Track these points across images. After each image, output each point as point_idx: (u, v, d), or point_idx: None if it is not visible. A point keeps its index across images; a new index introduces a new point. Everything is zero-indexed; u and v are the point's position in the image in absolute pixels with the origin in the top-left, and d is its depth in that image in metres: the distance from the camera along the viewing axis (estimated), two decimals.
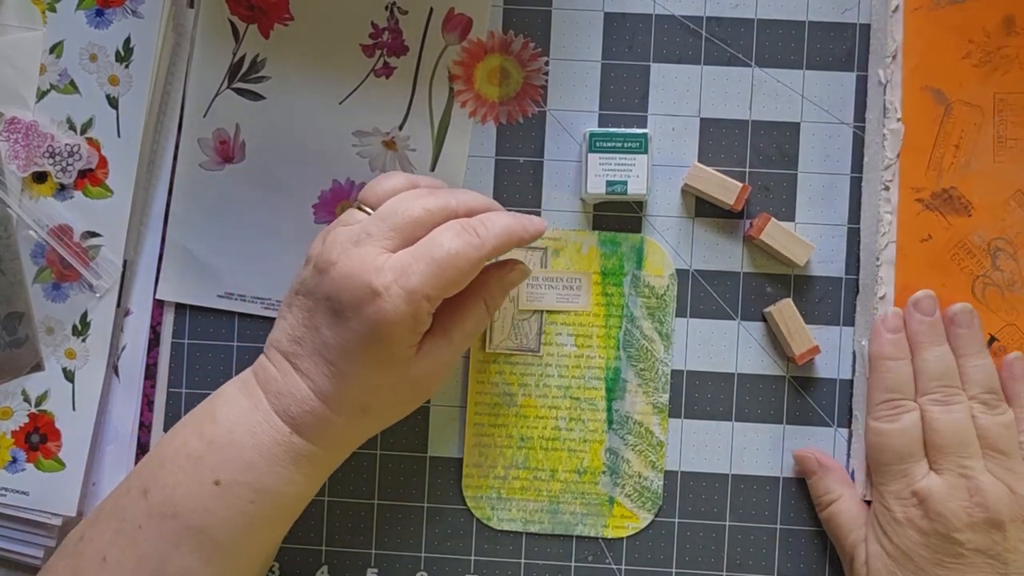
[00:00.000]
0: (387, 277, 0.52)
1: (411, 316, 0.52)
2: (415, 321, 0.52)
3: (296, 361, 0.55)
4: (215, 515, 0.53)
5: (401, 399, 0.57)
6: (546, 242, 0.64)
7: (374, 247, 0.53)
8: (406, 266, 0.52)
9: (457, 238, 0.53)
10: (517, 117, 0.65)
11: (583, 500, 0.64)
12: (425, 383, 0.57)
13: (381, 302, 0.51)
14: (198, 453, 0.54)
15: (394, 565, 0.65)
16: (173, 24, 0.64)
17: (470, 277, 0.54)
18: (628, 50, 0.64)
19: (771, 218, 0.62)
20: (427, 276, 0.52)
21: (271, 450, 0.54)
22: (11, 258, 0.63)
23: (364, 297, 0.52)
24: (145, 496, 0.54)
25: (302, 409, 0.54)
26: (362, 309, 0.52)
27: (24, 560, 0.64)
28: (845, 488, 0.62)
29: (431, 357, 0.55)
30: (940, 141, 0.62)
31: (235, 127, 0.64)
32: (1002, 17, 0.62)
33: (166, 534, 0.53)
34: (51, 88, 0.63)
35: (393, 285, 0.51)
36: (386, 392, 0.55)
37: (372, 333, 0.52)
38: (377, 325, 0.52)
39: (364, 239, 0.53)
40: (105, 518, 0.55)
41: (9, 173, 0.63)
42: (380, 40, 0.64)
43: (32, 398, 0.64)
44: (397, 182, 0.57)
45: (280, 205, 0.64)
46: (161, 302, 0.65)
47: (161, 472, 0.54)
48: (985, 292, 0.62)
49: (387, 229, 0.53)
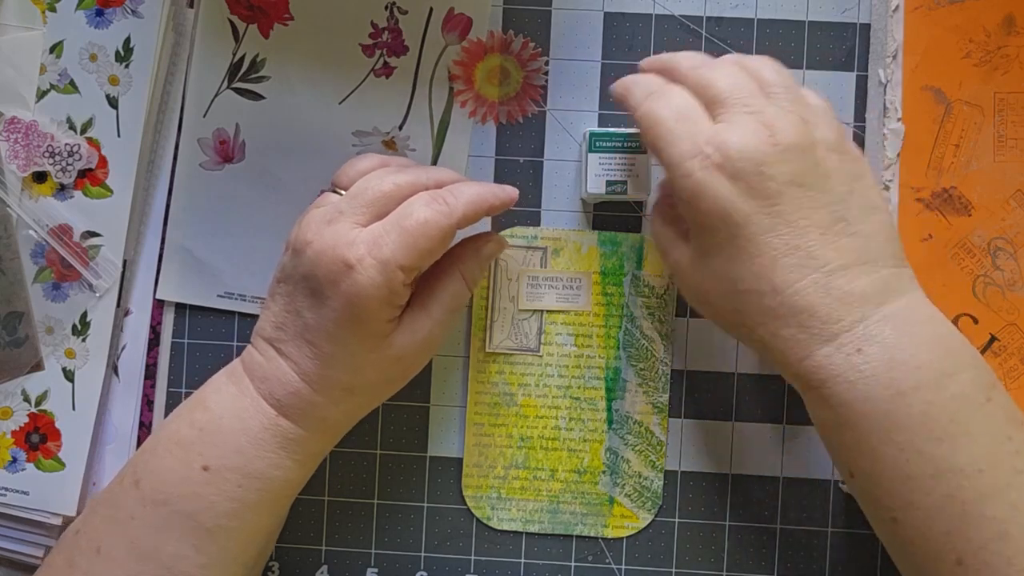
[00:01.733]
0: (360, 250, 0.52)
1: (386, 287, 0.52)
2: (390, 292, 0.53)
3: (280, 346, 0.55)
4: (204, 499, 0.53)
5: (386, 377, 0.57)
6: (546, 242, 0.64)
7: (346, 223, 0.54)
8: (378, 237, 0.53)
9: (426, 207, 0.53)
10: (517, 117, 0.65)
11: (583, 500, 0.64)
12: (408, 360, 0.57)
13: (355, 275, 0.52)
14: (188, 440, 0.55)
15: (394, 565, 0.65)
16: (173, 24, 0.64)
17: (443, 245, 0.54)
18: (628, 50, 0.64)
19: None
20: (399, 246, 0.52)
21: (259, 435, 0.54)
22: (11, 258, 0.63)
23: (339, 271, 0.52)
24: (137, 486, 0.54)
25: (287, 392, 0.55)
26: (338, 284, 0.52)
27: (24, 560, 0.64)
28: None
29: (412, 331, 0.56)
30: (940, 141, 0.62)
31: (235, 127, 0.64)
32: (1002, 17, 0.62)
33: (158, 521, 0.53)
34: (51, 88, 0.63)
35: (366, 257, 0.52)
36: (370, 371, 0.55)
37: (349, 307, 0.53)
38: (353, 299, 0.52)
39: (336, 217, 0.54)
40: (100, 509, 0.56)
41: (9, 173, 0.63)
42: (380, 40, 0.64)
43: (32, 398, 0.64)
44: (369, 163, 0.58)
45: (280, 205, 0.64)
46: (161, 302, 0.65)
47: (152, 460, 0.55)
48: (986, 292, 0.62)
49: (359, 206, 0.54)
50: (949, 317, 0.61)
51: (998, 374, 0.61)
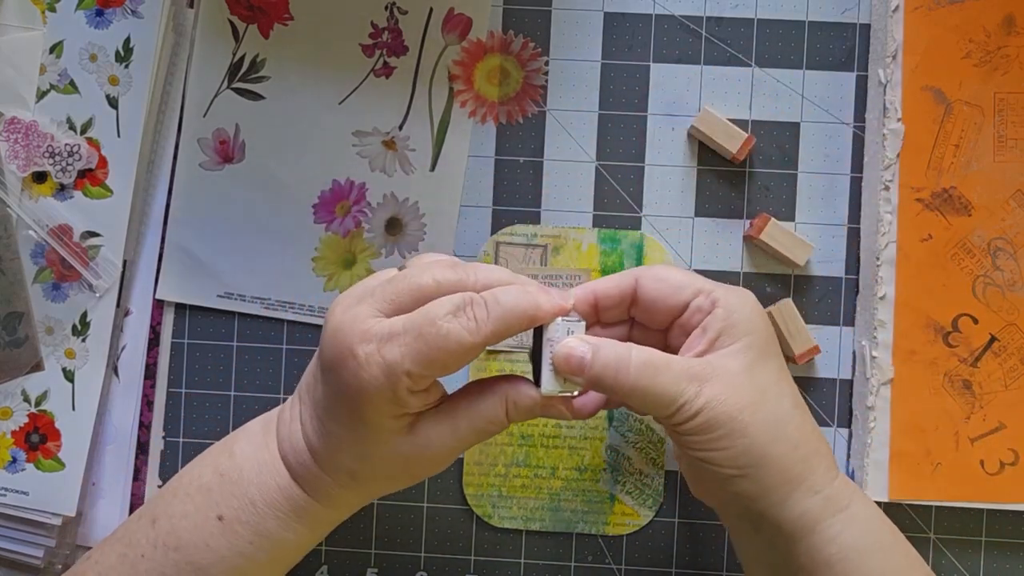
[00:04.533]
0: (369, 345, 0.48)
1: (389, 389, 0.48)
2: (394, 395, 0.48)
3: (302, 408, 0.53)
4: (215, 552, 0.52)
5: (391, 474, 0.53)
6: (546, 239, 0.64)
7: (369, 308, 0.49)
8: (394, 336, 0.48)
9: (452, 318, 0.48)
10: (517, 117, 0.65)
11: (584, 497, 0.64)
12: (418, 465, 0.52)
13: (358, 368, 0.48)
14: (208, 485, 0.53)
15: (394, 565, 0.65)
16: (173, 24, 0.64)
17: (463, 362, 0.49)
18: (628, 50, 0.64)
19: (771, 218, 0.62)
20: (411, 352, 0.47)
21: (273, 495, 0.52)
22: (11, 258, 0.63)
23: (344, 358, 0.48)
24: (153, 525, 0.53)
25: (298, 461, 0.53)
26: (340, 370, 0.49)
27: (24, 560, 0.64)
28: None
29: (427, 440, 0.51)
30: (940, 141, 0.62)
31: (235, 127, 0.64)
32: (1002, 17, 0.62)
33: (166, 566, 0.52)
34: (51, 88, 0.63)
35: (375, 353, 0.48)
36: (375, 463, 0.52)
37: (347, 396, 0.49)
38: (351, 390, 0.49)
39: (366, 297, 0.50)
40: (114, 542, 0.55)
41: (9, 173, 0.63)
42: (380, 40, 0.64)
43: (32, 398, 0.64)
44: (438, 258, 0.53)
45: (280, 205, 0.64)
46: (161, 302, 0.65)
47: (173, 501, 0.54)
48: (986, 292, 0.62)
49: (389, 293, 0.50)
50: (949, 317, 0.62)
51: (998, 374, 0.62)
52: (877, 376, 0.62)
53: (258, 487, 0.52)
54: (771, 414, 0.51)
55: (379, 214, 0.65)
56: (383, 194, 0.64)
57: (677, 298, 0.54)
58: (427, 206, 0.65)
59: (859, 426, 0.62)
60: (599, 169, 0.64)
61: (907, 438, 0.62)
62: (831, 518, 0.52)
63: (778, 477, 0.52)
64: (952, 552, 0.64)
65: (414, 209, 0.65)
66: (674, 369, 0.51)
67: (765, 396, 0.52)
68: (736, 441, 0.51)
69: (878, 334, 0.62)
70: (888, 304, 0.62)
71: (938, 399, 0.62)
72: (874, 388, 0.62)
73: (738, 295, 0.54)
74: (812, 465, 0.52)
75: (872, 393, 0.62)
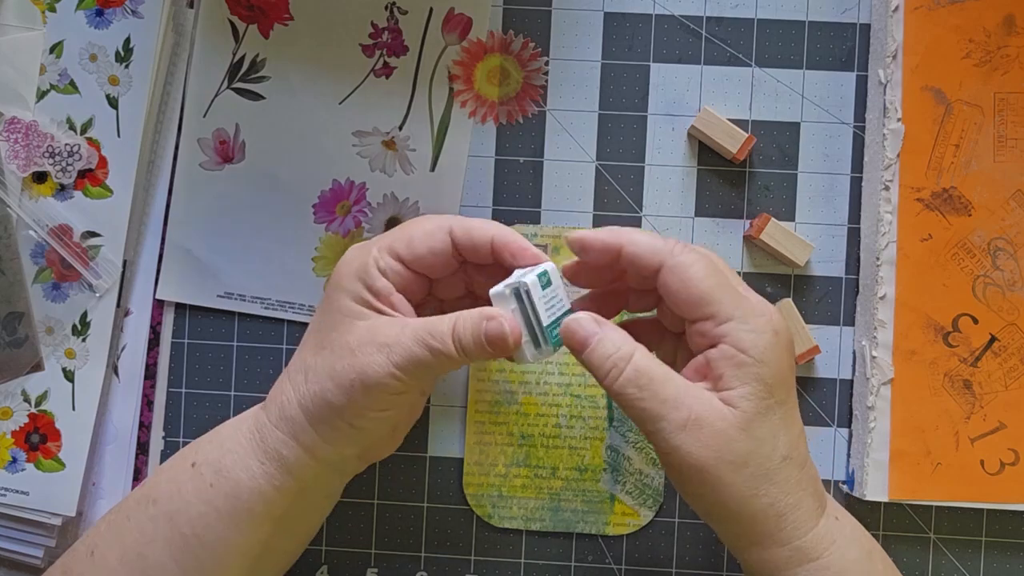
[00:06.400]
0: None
1: (359, 260, 0.54)
2: (364, 269, 0.53)
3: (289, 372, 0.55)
4: (182, 498, 0.53)
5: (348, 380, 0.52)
6: (546, 239, 0.64)
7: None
8: (382, 237, 0.54)
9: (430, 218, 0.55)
10: (517, 117, 0.65)
11: (584, 497, 0.64)
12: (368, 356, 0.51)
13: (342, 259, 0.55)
14: (194, 445, 0.55)
15: (394, 565, 0.65)
16: (173, 24, 0.64)
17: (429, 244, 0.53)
18: (628, 50, 0.64)
19: (771, 218, 0.62)
20: (389, 238, 0.54)
21: (244, 435, 0.54)
22: (11, 258, 0.63)
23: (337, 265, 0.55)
24: (142, 487, 0.55)
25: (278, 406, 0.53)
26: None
27: (24, 560, 0.64)
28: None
29: (376, 326, 0.52)
30: (940, 141, 0.62)
31: (235, 127, 0.64)
32: (1002, 17, 0.62)
33: (146, 524, 0.53)
34: (51, 88, 0.63)
35: (361, 243, 0.54)
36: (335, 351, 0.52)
37: (327, 290, 0.54)
38: (331, 279, 0.55)
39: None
40: (108, 514, 0.56)
41: (9, 173, 0.63)
42: (380, 40, 0.64)
43: (32, 398, 0.64)
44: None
45: (280, 205, 0.64)
46: (161, 302, 0.65)
47: (162, 466, 0.56)
48: (986, 292, 0.62)
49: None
50: (949, 317, 0.62)
51: (998, 374, 0.62)
52: (877, 376, 0.62)
53: (233, 429, 0.54)
54: (756, 471, 0.49)
55: (379, 214, 0.65)
56: (383, 194, 0.64)
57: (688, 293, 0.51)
58: (427, 206, 0.65)
59: (859, 426, 0.62)
60: (599, 169, 0.64)
61: (907, 438, 0.62)
62: (796, 568, 0.50)
63: (743, 532, 0.51)
64: (952, 552, 0.64)
65: (414, 209, 0.65)
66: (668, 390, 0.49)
67: (756, 451, 0.50)
68: (706, 492, 0.50)
69: (878, 334, 0.62)
70: (888, 304, 0.62)
71: (938, 399, 0.62)
72: (874, 388, 0.62)
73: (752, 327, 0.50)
74: (787, 520, 0.50)
75: (872, 393, 0.62)
